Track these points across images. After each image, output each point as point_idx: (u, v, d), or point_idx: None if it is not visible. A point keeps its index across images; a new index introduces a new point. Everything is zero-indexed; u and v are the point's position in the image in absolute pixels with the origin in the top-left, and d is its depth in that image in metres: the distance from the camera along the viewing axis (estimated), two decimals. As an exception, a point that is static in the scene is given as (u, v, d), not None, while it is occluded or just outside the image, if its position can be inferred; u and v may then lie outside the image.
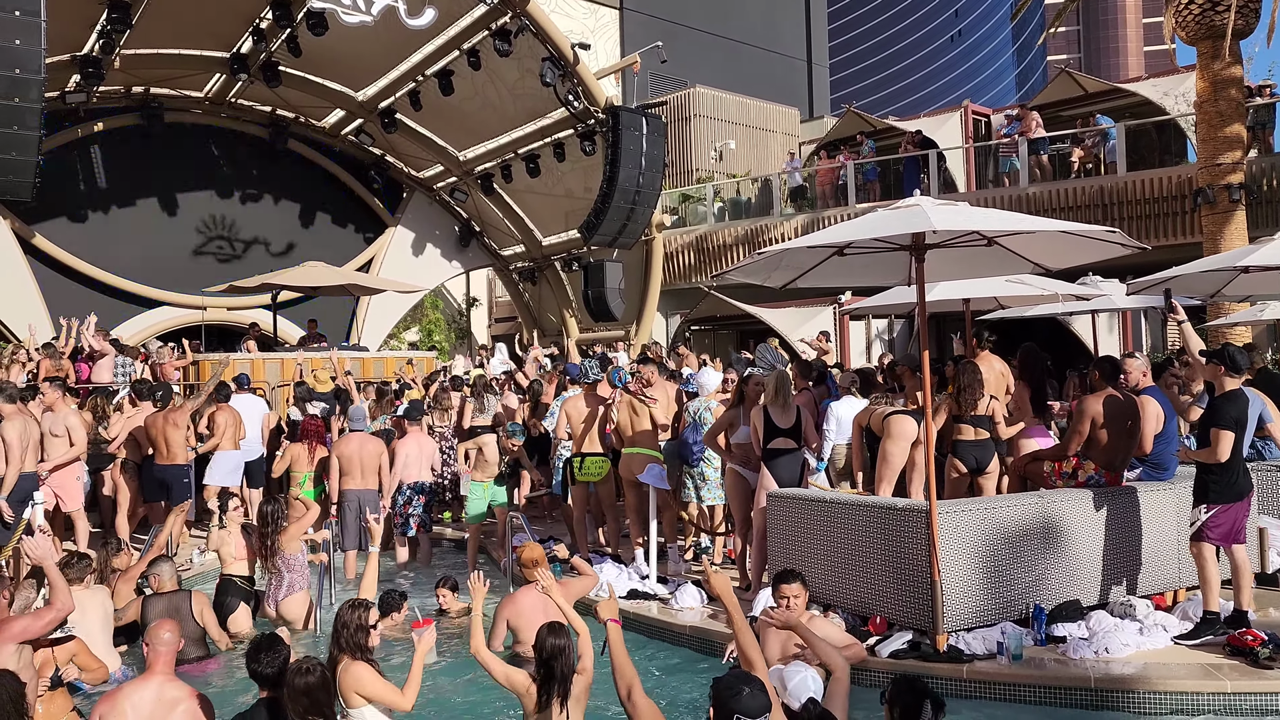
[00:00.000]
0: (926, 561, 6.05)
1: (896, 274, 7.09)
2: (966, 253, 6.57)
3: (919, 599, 6.17)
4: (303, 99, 19.12)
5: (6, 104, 11.04)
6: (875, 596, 6.49)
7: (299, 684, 4.31)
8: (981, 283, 9.18)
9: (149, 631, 4.73)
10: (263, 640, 4.68)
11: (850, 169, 21.84)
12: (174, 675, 4.65)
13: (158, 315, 18.70)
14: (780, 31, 40.01)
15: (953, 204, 6.18)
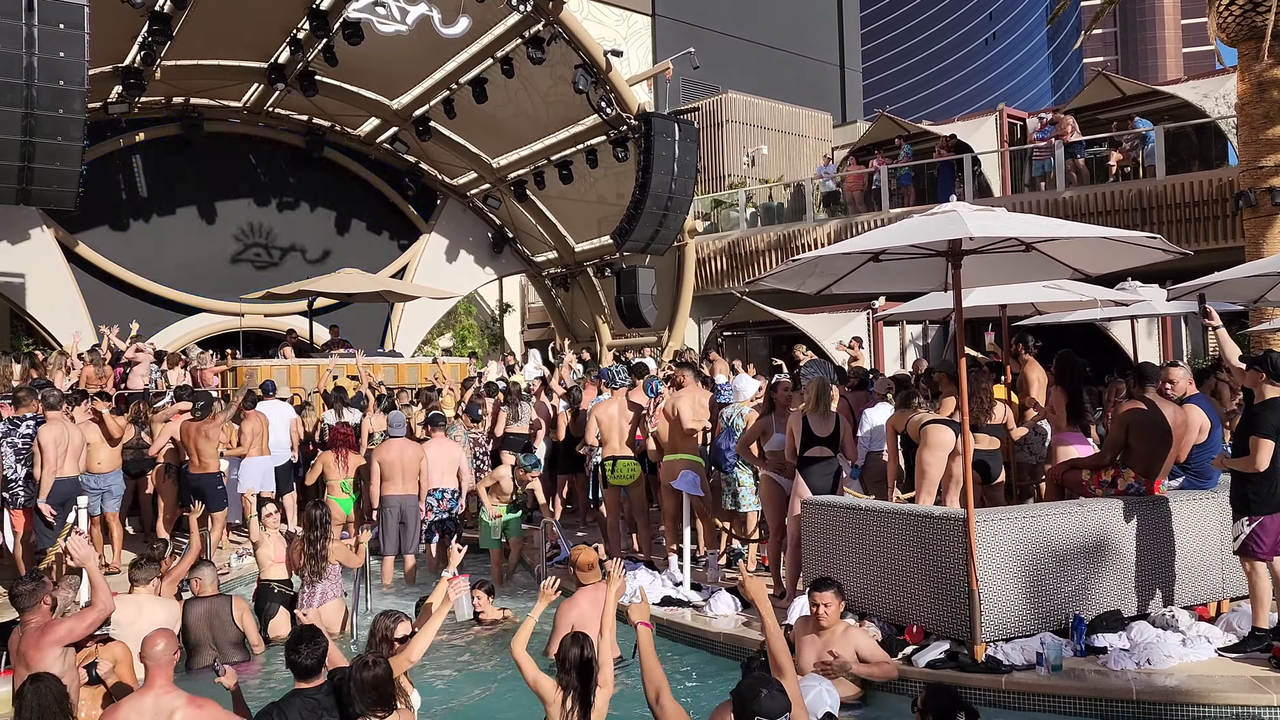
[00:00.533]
0: (964, 570, 5.99)
1: (932, 280, 7.03)
2: (1004, 258, 6.50)
3: (956, 608, 6.11)
4: (339, 107, 19.33)
5: (50, 115, 11.22)
6: (911, 605, 6.43)
7: (366, 677, 4.32)
8: (1018, 288, 9.06)
9: (143, 644, 4.63)
10: (303, 632, 4.72)
11: (884, 174, 21.72)
12: (172, 685, 4.56)
13: (197, 322, 18.99)
14: (813, 36, 39.90)
15: (990, 210, 6.13)
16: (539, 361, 18.26)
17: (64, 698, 4.38)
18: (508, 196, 21.42)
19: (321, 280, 16.91)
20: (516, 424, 11.39)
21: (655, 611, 7.71)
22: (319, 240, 20.59)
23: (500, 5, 15.39)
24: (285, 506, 10.90)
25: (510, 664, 5.05)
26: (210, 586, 7.06)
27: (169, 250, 18.67)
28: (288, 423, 11.27)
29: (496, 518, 9.17)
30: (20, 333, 18.16)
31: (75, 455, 8.50)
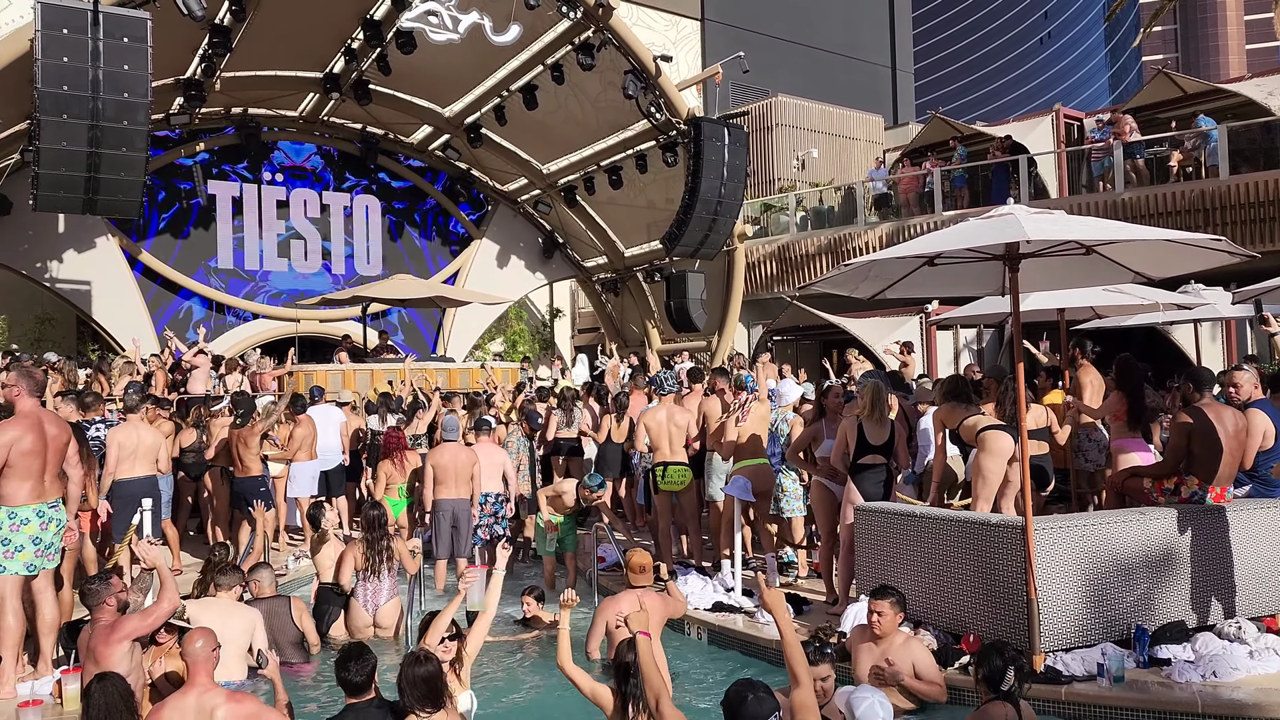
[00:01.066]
0: (1022, 579, 5.89)
1: (989, 284, 6.92)
2: (1062, 261, 6.39)
3: (1014, 617, 6.01)
4: (392, 115, 19.59)
5: (115, 127, 11.52)
6: (968, 614, 6.33)
7: (417, 673, 4.37)
8: (1077, 292, 8.90)
9: (183, 642, 4.73)
10: (352, 649, 4.78)
11: (937, 176, 21.47)
12: (213, 683, 4.63)
13: (254, 328, 19.34)
14: (863, 38, 39.60)
15: (1048, 212, 6.02)
16: (587, 366, 18.33)
17: (129, 695, 4.49)
18: (558, 202, 21.54)
19: (375, 286, 17.16)
20: (568, 429, 11.43)
21: (706, 617, 7.70)
22: (373, 246, 20.89)
23: (551, 12, 15.50)
24: (340, 508, 11.06)
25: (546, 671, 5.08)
26: (268, 588, 7.16)
27: (227, 257, 19.06)
28: (338, 426, 11.41)
29: (553, 528, 9.18)
30: (86, 338, 18.64)
31: (147, 457, 8.69)
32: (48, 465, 6.01)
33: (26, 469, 5.86)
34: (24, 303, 17.77)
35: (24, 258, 16.60)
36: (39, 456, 5.92)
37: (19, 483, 5.85)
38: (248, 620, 6.34)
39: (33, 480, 5.91)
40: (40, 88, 11.10)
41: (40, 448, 5.94)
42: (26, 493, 5.89)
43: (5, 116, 12.26)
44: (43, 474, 5.98)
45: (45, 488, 6.01)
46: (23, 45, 11.48)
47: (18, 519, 5.87)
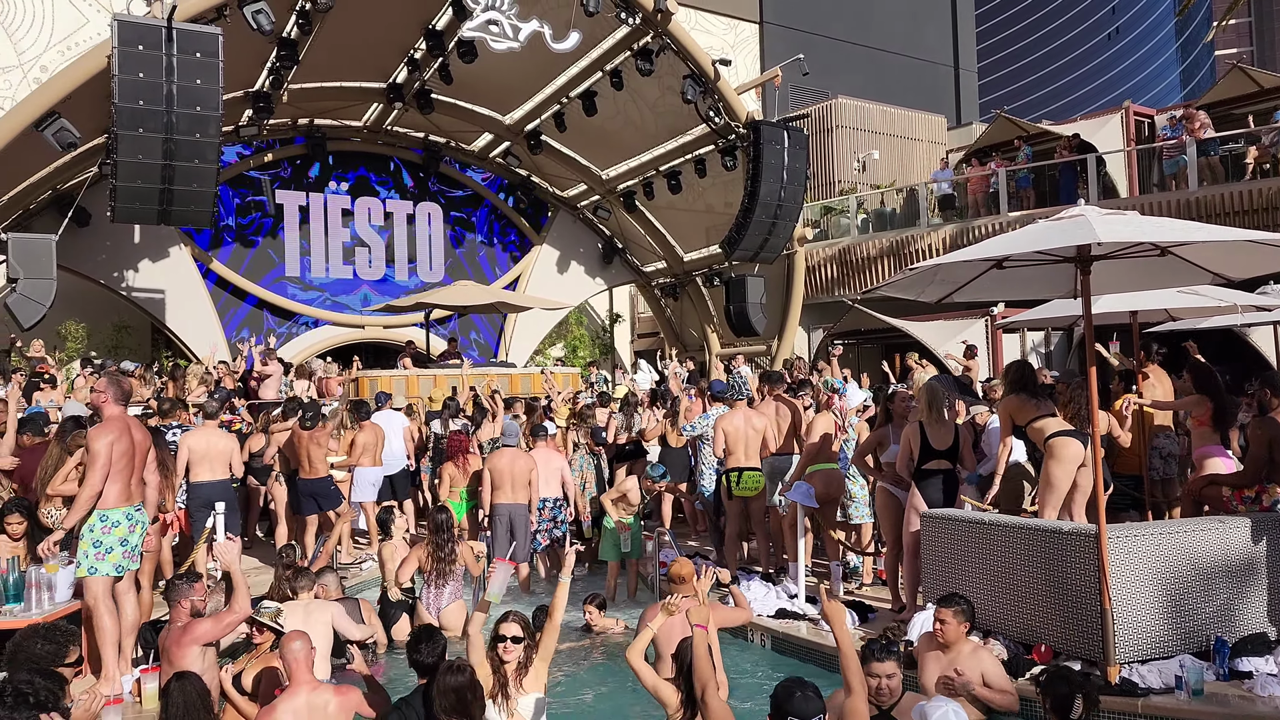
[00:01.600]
0: (1096, 589, 5.75)
1: (1059, 286, 6.78)
2: (1136, 263, 6.23)
3: (1088, 628, 5.87)
4: (454, 124, 19.82)
5: (188, 139, 11.81)
6: (1039, 624, 6.20)
7: (448, 682, 4.43)
8: (1151, 294, 8.67)
9: (283, 643, 4.92)
10: (423, 632, 4.96)
11: (1002, 176, 21.10)
12: (317, 680, 4.84)
13: (320, 334, 19.69)
14: (925, 37, 39.12)
15: (1120, 213, 5.88)
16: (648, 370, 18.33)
17: (206, 695, 4.60)
18: (617, 207, 21.60)
19: (438, 293, 17.37)
20: (628, 433, 11.44)
21: (770, 624, 7.65)
22: (436, 253, 21.16)
23: (610, 19, 15.56)
24: (406, 513, 11.20)
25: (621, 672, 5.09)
26: (335, 591, 7.27)
27: (294, 265, 19.46)
28: (402, 431, 11.55)
29: (625, 529, 9.19)
30: (160, 345, 19.15)
31: (220, 461, 8.95)
32: (135, 469, 6.22)
33: (117, 472, 6.07)
34: (102, 310, 18.31)
35: (102, 267, 17.12)
36: (128, 460, 6.13)
37: (110, 486, 6.06)
38: (327, 617, 6.47)
39: (122, 483, 6.11)
40: (117, 103, 11.43)
41: (130, 451, 6.15)
42: (116, 495, 6.10)
43: (84, 131, 12.62)
44: (130, 477, 6.18)
45: (133, 491, 6.21)
46: (100, 62, 11.82)
47: (109, 521, 6.06)
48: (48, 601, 6.06)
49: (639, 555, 9.31)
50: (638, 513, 9.35)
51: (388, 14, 15.39)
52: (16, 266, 12.42)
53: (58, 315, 14.73)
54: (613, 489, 9.83)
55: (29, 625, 4.48)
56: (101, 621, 5.99)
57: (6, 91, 18.76)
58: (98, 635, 6.01)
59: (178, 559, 8.87)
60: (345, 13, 14.17)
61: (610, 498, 9.42)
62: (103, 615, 5.99)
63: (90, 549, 6.02)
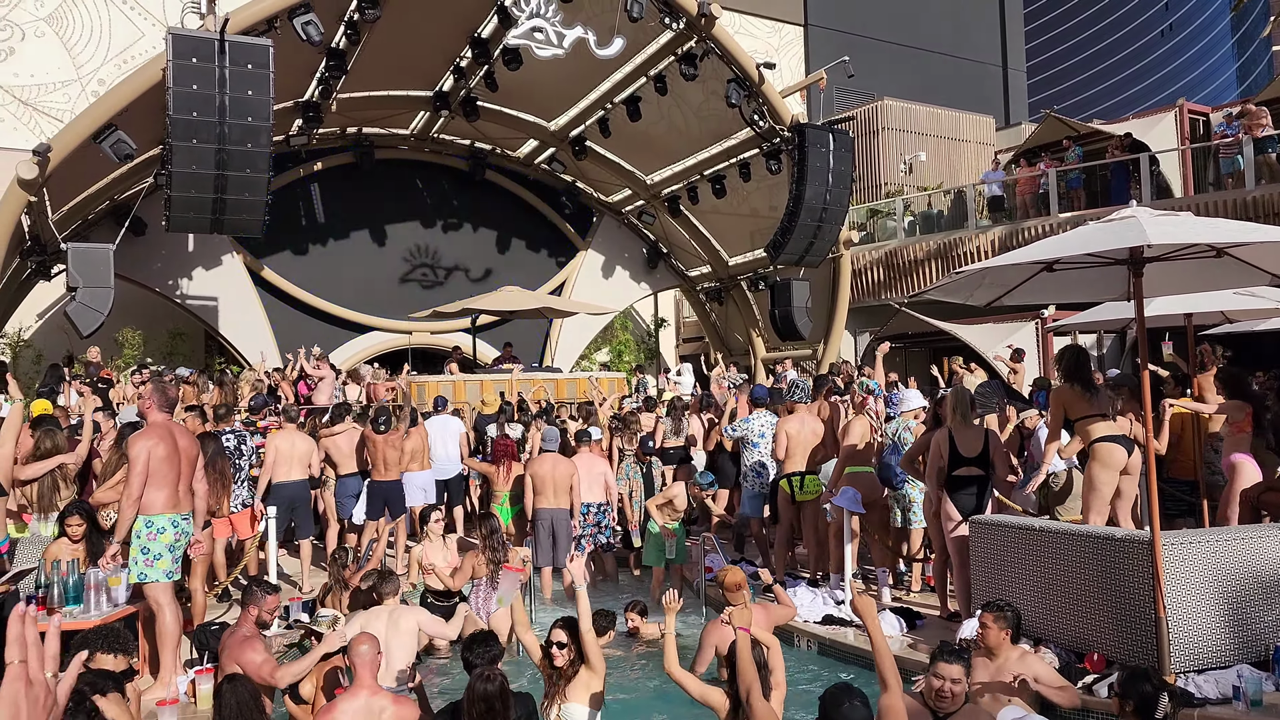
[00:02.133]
0: (1150, 596, 5.65)
1: (1111, 289, 6.66)
2: (1191, 264, 6.10)
3: (1142, 636, 5.76)
4: (499, 131, 19.98)
5: (240, 150, 12.03)
6: (1092, 632, 6.10)
7: (479, 690, 4.43)
8: (1206, 296, 8.51)
9: (350, 646, 5.02)
10: (477, 636, 5.02)
11: (1052, 177, 20.79)
12: (378, 686, 4.90)
13: (369, 340, 19.93)
14: (973, 37, 38.64)
15: (1174, 214, 5.77)
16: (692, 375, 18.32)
17: (258, 695, 4.68)
18: (662, 212, 21.62)
19: (484, 298, 17.51)
20: (675, 438, 11.44)
21: (816, 630, 7.60)
22: (481, 259, 21.33)
23: (654, 24, 15.58)
24: (456, 517, 11.31)
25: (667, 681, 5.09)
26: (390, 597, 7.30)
27: (343, 272, 19.72)
28: (457, 436, 11.65)
29: (670, 535, 9.18)
30: (214, 352, 19.51)
31: (301, 462, 9.46)
32: (181, 476, 6.30)
33: (161, 477, 6.15)
34: (158, 318, 18.69)
35: (157, 275, 17.49)
36: (173, 466, 6.22)
37: (155, 491, 6.15)
38: (413, 623, 6.58)
39: (168, 490, 6.20)
40: (171, 114, 11.66)
41: (174, 457, 6.23)
42: (162, 501, 6.18)
43: (140, 142, 12.92)
44: (177, 484, 6.27)
45: (179, 498, 6.29)
46: (155, 75, 12.08)
47: (154, 527, 6.16)
48: (106, 604, 6.18)
49: (683, 561, 9.29)
50: (683, 519, 9.33)
51: (434, 23, 15.56)
52: (76, 275, 12.72)
53: (115, 323, 15.06)
54: (659, 494, 9.83)
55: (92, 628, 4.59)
56: (164, 625, 6.09)
57: (65, 105, 19.25)
58: (159, 638, 6.12)
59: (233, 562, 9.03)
60: (392, 23, 14.36)
61: (656, 503, 9.42)
62: (166, 619, 6.08)
63: (139, 555, 6.12)
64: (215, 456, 8.03)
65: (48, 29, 19.63)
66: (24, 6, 19.44)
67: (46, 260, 14.98)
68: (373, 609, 6.69)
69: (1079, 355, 7.08)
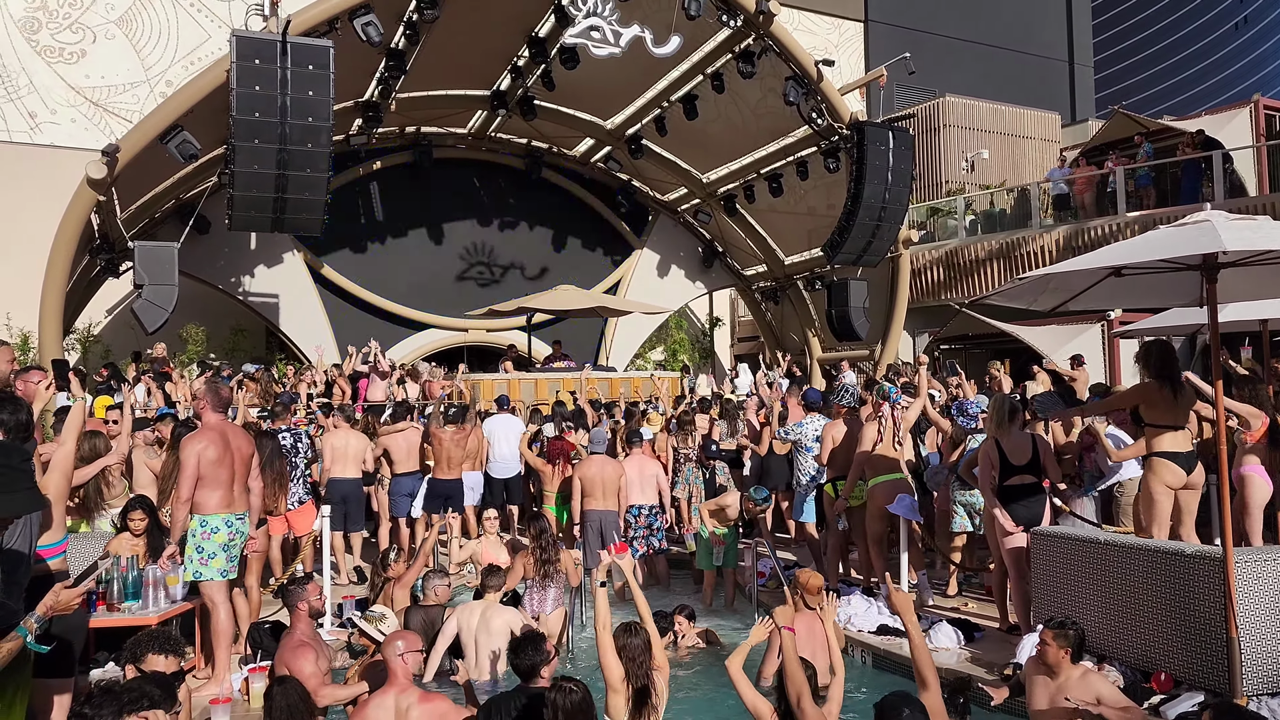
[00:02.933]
0: (1222, 615, 5.43)
1: (1183, 294, 6.41)
2: (1269, 269, 5.85)
3: (1212, 657, 5.55)
4: (555, 130, 20.02)
5: (300, 150, 12.20)
6: (1159, 650, 5.89)
7: (561, 702, 4.37)
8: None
9: (384, 644, 5.08)
10: (525, 637, 5.01)
11: (1120, 175, 20.25)
12: (410, 684, 4.96)
13: (426, 337, 20.12)
14: (1038, 32, 37.81)
15: (1251, 218, 5.53)
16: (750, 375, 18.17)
17: (307, 697, 4.71)
18: (718, 211, 21.50)
19: (539, 297, 17.56)
20: (730, 440, 11.33)
21: (870, 640, 7.46)
22: (537, 258, 21.41)
23: (711, 22, 15.47)
24: (514, 516, 11.35)
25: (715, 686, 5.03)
26: (433, 595, 7.32)
27: (401, 270, 19.93)
28: (517, 435, 11.67)
29: (719, 542, 9.08)
30: (274, 348, 19.84)
31: (355, 459, 9.74)
32: (235, 476, 6.38)
33: (215, 478, 6.24)
34: (221, 315, 19.06)
35: (220, 273, 17.83)
36: (225, 466, 6.29)
37: (209, 491, 6.23)
38: (504, 621, 6.69)
39: (222, 489, 6.28)
40: (234, 115, 11.87)
41: (226, 458, 6.30)
42: (216, 501, 6.26)
43: (205, 143, 13.17)
44: (230, 484, 6.34)
45: (234, 498, 6.37)
46: (220, 76, 12.30)
47: (208, 527, 6.24)
48: (164, 600, 6.29)
49: (733, 565, 9.18)
50: (734, 526, 9.20)
51: (492, 23, 15.63)
52: (142, 273, 13.00)
53: (179, 319, 15.38)
54: (711, 500, 9.74)
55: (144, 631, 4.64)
56: (219, 623, 6.17)
57: (135, 105, 19.71)
58: (213, 636, 6.21)
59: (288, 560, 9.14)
60: (451, 22, 14.44)
61: (708, 509, 9.33)
62: (220, 618, 6.17)
63: (194, 554, 6.21)
64: (273, 456, 8.12)
65: (118, 31, 20.11)
66: (95, 9, 19.94)
67: (115, 258, 15.35)
68: (471, 603, 6.76)
69: (1166, 351, 6.77)
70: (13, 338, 17.57)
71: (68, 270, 13.06)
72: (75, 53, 19.77)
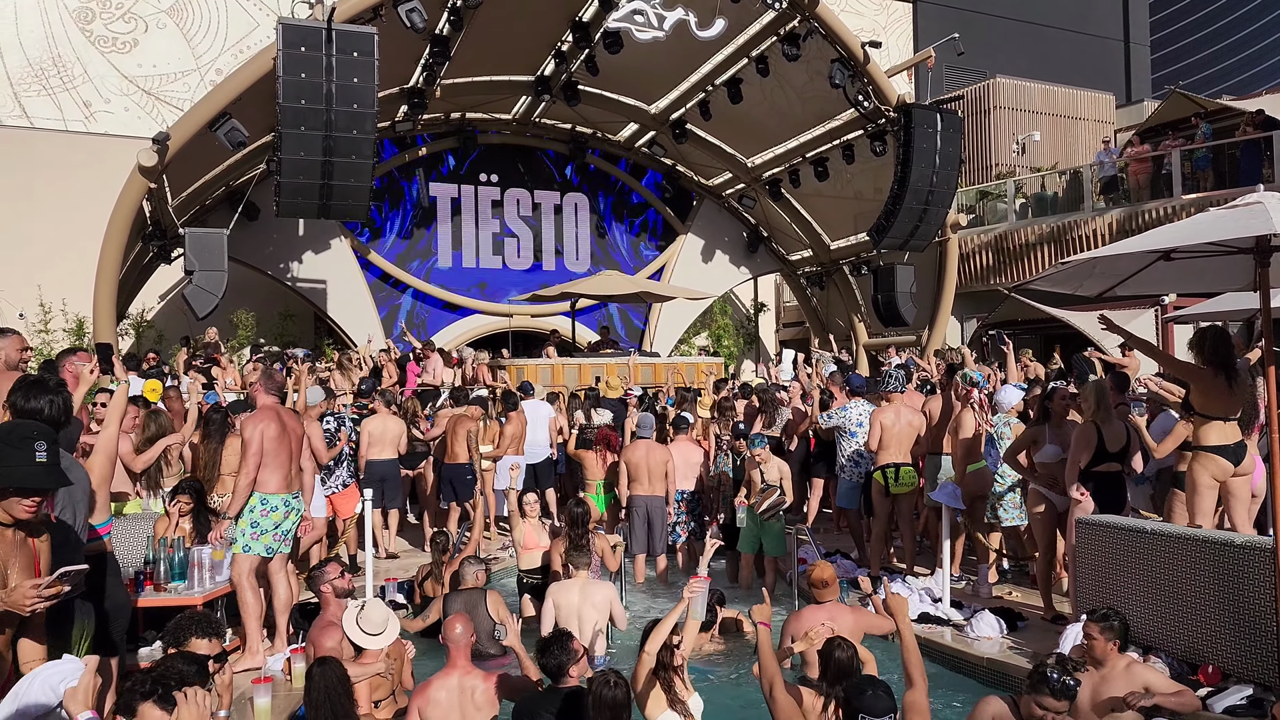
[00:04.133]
0: (1273, 608, 5.30)
1: (1236, 278, 6.25)
2: (1325, 253, 5.68)
3: (1262, 650, 5.42)
4: (599, 115, 20.00)
5: (346, 136, 12.30)
6: (1206, 642, 5.76)
7: (605, 695, 4.40)
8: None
9: (445, 627, 5.26)
10: (553, 636, 5.08)
11: (1176, 157, 19.75)
12: (471, 666, 5.17)
13: (470, 323, 20.27)
14: (1092, 9, 36.94)
15: (1307, 199, 5.36)
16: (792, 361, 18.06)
17: (346, 679, 4.79)
18: (762, 195, 21.35)
19: (583, 282, 17.59)
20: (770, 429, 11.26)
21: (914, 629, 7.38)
22: (581, 243, 21.46)
23: (756, 5, 15.32)
24: (548, 501, 11.39)
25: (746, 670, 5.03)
26: (471, 580, 7.35)
27: (446, 255, 20.09)
28: (547, 421, 11.72)
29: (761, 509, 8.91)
30: (322, 334, 20.11)
31: (393, 443, 9.96)
32: (292, 456, 6.54)
33: (274, 458, 6.39)
34: (270, 300, 19.35)
35: (269, 259, 18.08)
36: (285, 446, 6.46)
37: (270, 471, 6.39)
38: (605, 595, 6.84)
39: (283, 470, 6.45)
40: (281, 102, 12.01)
41: (283, 438, 6.46)
42: (278, 481, 6.43)
43: (253, 130, 13.34)
44: (289, 464, 6.51)
45: (292, 478, 6.55)
46: (266, 64, 12.44)
47: (269, 505, 6.40)
48: (210, 580, 6.41)
49: (781, 553, 9.06)
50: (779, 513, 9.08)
51: (535, 8, 15.63)
52: (193, 259, 13.23)
53: (229, 305, 15.62)
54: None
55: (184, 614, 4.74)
56: (245, 597, 6.30)
57: (185, 94, 20.02)
58: (241, 611, 6.35)
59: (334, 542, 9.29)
60: (494, 8, 14.46)
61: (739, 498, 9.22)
62: (245, 591, 6.30)
63: (248, 528, 6.34)
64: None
65: (169, 20, 20.43)
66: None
67: (167, 244, 15.64)
68: (565, 582, 6.82)
69: (1222, 338, 6.51)
70: (68, 323, 18.00)
71: (120, 257, 13.31)
72: (128, 42, 20.11)
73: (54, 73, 19.52)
